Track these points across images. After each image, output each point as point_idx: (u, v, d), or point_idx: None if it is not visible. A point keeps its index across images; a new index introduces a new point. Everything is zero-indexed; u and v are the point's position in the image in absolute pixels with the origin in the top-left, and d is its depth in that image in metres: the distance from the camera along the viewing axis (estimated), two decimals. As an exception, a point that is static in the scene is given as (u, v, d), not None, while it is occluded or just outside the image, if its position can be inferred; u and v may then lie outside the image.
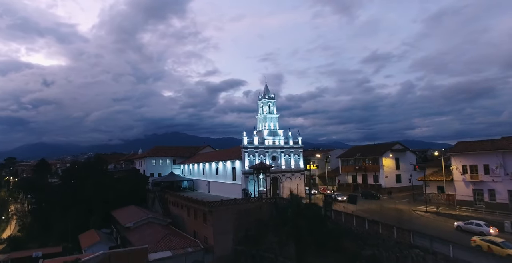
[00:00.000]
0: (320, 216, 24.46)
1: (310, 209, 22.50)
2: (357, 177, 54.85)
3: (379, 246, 26.59)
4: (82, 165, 68.25)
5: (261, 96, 48.94)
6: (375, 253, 26.55)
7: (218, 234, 34.75)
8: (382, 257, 25.99)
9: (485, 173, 34.51)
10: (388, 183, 49.85)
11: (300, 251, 23.70)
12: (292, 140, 48.22)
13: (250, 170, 42.93)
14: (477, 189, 35.30)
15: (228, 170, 48.22)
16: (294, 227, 20.29)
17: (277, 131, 47.97)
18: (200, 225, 38.33)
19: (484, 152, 34.67)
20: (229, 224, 35.29)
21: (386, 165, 50.61)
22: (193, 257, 33.36)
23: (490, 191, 34.16)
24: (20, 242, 53.99)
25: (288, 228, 20.52)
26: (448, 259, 21.68)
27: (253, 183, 42.51)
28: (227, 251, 34.84)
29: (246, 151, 44.23)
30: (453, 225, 29.10)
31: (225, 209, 35.78)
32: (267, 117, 47.60)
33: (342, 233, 27.68)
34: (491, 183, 33.90)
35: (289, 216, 21.21)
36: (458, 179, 36.93)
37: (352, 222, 29.86)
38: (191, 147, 78.04)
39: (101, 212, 51.83)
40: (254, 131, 46.66)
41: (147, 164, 68.20)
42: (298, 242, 21.01)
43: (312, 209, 22.69)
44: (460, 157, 37.03)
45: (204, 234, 36.77)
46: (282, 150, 47.15)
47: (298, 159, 48.39)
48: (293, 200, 22.78)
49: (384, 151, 51.21)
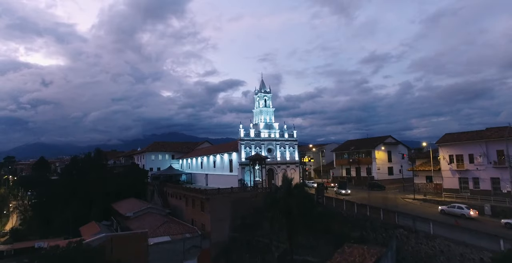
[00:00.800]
0: (309, 196, 25.96)
1: (300, 188, 23.97)
2: (351, 170, 56.45)
3: (367, 227, 28.21)
4: (82, 159, 69.45)
5: (257, 91, 50.49)
6: (363, 234, 28.14)
7: (215, 221, 36.21)
8: (369, 238, 27.57)
9: (470, 162, 36.16)
10: (380, 175, 51.43)
11: (292, 233, 25.20)
12: (287, 133, 49.79)
13: (246, 161, 44.44)
14: (463, 178, 36.94)
15: (225, 162, 49.72)
16: (285, 205, 21.74)
17: (273, 124, 49.55)
18: (198, 214, 39.80)
19: (469, 142, 36.32)
20: (225, 212, 36.75)
21: (379, 158, 52.22)
22: (191, 242, 34.82)
23: (474, 179, 35.81)
24: (22, 234, 55.16)
25: (279, 206, 21.97)
26: (428, 236, 23.32)
27: (249, 174, 44.01)
28: (223, 238, 36.32)
29: (243, 143, 45.75)
30: (438, 210, 30.71)
31: (222, 197, 37.26)
32: (263, 111, 49.16)
33: (332, 216, 29.25)
34: (475, 171, 35.55)
35: (281, 196, 22.69)
36: (445, 168, 38.57)
37: (342, 206, 31.50)
38: (190, 143, 79.54)
39: (101, 205, 52.89)
40: (251, 124, 48.20)
41: (146, 159, 69.57)
42: (289, 221, 22.47)
43: (302, 189, 24.17)
44: (447, 147, 38.67)
45: (201, 222, 38.23)
46: (277, 143, 48.72)
47: (293, 152, 49.95)
48: (284, 181, 24.28)
49: (377, 144, 52.82)
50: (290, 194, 22.35)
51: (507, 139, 28.60)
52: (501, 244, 18.68)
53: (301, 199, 22.12)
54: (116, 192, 53.98)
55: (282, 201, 22.14)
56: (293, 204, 21.53)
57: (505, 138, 31.24)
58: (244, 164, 44.82)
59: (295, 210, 21.06)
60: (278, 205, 21.92)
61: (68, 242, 26.97)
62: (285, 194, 22.31)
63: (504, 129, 34.13)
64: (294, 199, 21.77)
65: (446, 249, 21.89)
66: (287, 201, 21.74)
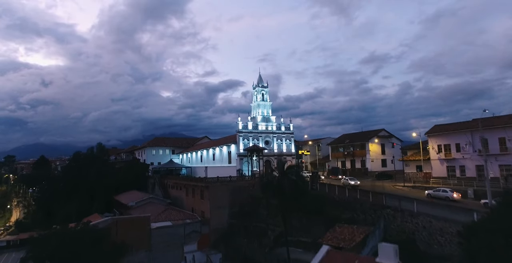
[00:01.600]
0: (302, 177, 27.70)
1: (292, 169, 25.70)
2: (346, 162, 58.26)
3: (357, 209, 29.97)
4: (84, 155, 70.97)
5: (255, 85, 52.31)
6: (353, 216, 29.88)
7: (214, 208, 37.89)
8: (359, 219, 29.32)
9: (457, 151, 38.02)
10: (374, 167, 53.22)
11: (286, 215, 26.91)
12: (284, 126, 51.59)
13: (244, 152, 46.20)
14: (450, 166, 38.80)
15: (224, 155, 51.48)
16: (279, 186, 23.45)
17: (270, 117, 51.35)
18: (198, 202, 41.52)
19: (456, 131, 38.19)
20: (224, 200, 38.42)
21: (372, 150, 54.03)
22: (191, 227, 36.57)
23: (461, 167, 37.67)
24: (26, 226, 56.68)
25: (274, 186, 23.66)
26: (412, 214, 25.11)
27: (247, 164, 45.75)
28: (222, 224, 37.98)
29: (241, 135, 47.52)
30: (425, 194, 32.50)
31: (221, 185, 38.98)
32: (260, 105, 50.96)
33: (325, 200, 31.00)
34: (462, 160, 37.40)
35: (276, 176, 24.42)
36: (434, 157, 40.41)
37: (334, 191, 33.28)
38: (190, 139, 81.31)
39: (103, 198, 54.33)
40: (248, 117, 49.99)
41: (147, 154, 71.21)
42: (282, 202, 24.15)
43: (295, 170, 25.88)
44: (436, 137, 40.52)
45: (201, 209, 39.95)
46: (274, 135, 50.51)
47: (289, 144, 51.74)
48: (279, 163, 26.03)
49: (370, 137, 54.64)
50: (284, 174, 24.05)
51: (481, 129, 30.41)
52: (474, 216, 20.46)
53: (293, 180, 23.77)
54: (117, 186, 55.46)
55: (276, 181, 23.86)
56: (285, 184, 23.20)
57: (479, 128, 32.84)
58: (242, 155, 46.57)
59: (288, 188, 22.70)
60: (273, 184, 23.62)
61: (76, 224, 28.66)
62: (280, 175, 24.02)
63: (488, 120, 35.97)
64: (287, 179, 23.44)
65: (428, 225, 23.67)
66: (281, 180, 23.45)
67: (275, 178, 24.22)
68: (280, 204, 25.48)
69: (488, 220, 17.23)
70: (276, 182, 23.55)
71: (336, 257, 13.26)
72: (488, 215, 17.88)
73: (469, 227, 18.17)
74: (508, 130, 33.28)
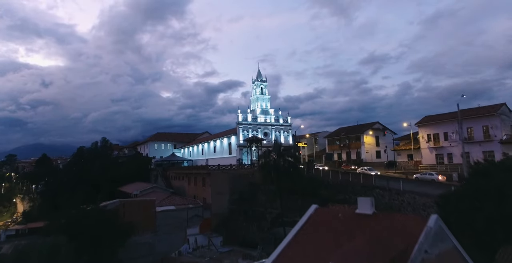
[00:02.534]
0: (297, 157, 29.82)
1: (288, 150, 27.81)
2: (342, 154, 60.43)
3: (349, 191, 32.12)
4: (88, 149, 72.90)
5: (254, 80, 54.50)
6: (346, 197, 32.02)
7: (216, 194, 39.99)
8: (351, 200, 31.39)
9: (445, 140, 40.21)
10: (369, 158, 55.35)
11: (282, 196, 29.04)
12: (282, 119, 53.78)
13: (244, 143, 48.35)
14: (439, 154, 40.99)
15: (225, 146, 53.65)
16: (275, 167, 25.58)
17: (269, 110, 53.56)
18: (200, 189, 43.64)
19: (444, 121, 40.38)
20: (225, 186, 40.52)
21: (367, 142, 56.19)
22: (193, 211, 38.71)
23: (448, 154, 39.86)
24: (33, 217, 58.63)
25: (270, 167, 25.77)
26: (399, 192, 27.27)
27: (247, 155, 47.90)
28: (223, 209, 40.06)
29: (241, 126, 49.69)
30: (413, 178, 34.64)
31: (222, 173, 41.11)
32: (259, 98, 53.15)
33: (320, 183, 33.15)
34: (449, 148, 39.59)
35: (272, 158, 26.54)
36: (424, 146, 42.60)
37: (328, 176, 35.43)
38: (191, 134, 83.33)
39: (107, 190, 56.09)
40: (248, 109, 52.15)
41: (149, 148, 73.29)
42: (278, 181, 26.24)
43: (290, 151, 27.99)
44: (425, 127, 42.71)
45: (203, 196, 42.08)
46: (273, 127, 52.71)
47: (287, 136, 53.94)
48: (275, 145, 28.13)
49: (365, 129, 56.82)
50: (280, 155, 26.16)
51: (459, 120, 32.68)
52: (452, 189, 22.60)
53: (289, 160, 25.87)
54: (121, 178, 57.22)
55: (272, 163, 25.98)
56: (282, 164, 25.31)
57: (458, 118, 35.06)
58: (242, 145, 48.72)
59: (283, 168, 24.79)
60: (270, 165, 25.71)
61: (86, 205, 30.74)
62: (276, 156, 26.12)
63: (473, 110, 38.24)
64: (283, 159, 25.56)
65: (412, 201, 25.83)
66: (277, 161, 25.56)
67: (273, 158, 26.30)
68: (276, 183, 27.55)
69: (460, 190, 19.45)
70: (273, 162, 25.61)
71: (324, 212, 15.33)
72: (461, 186, 20.08)
73: (444, 196, 20.38)
74: (491, 119, 35.47)
